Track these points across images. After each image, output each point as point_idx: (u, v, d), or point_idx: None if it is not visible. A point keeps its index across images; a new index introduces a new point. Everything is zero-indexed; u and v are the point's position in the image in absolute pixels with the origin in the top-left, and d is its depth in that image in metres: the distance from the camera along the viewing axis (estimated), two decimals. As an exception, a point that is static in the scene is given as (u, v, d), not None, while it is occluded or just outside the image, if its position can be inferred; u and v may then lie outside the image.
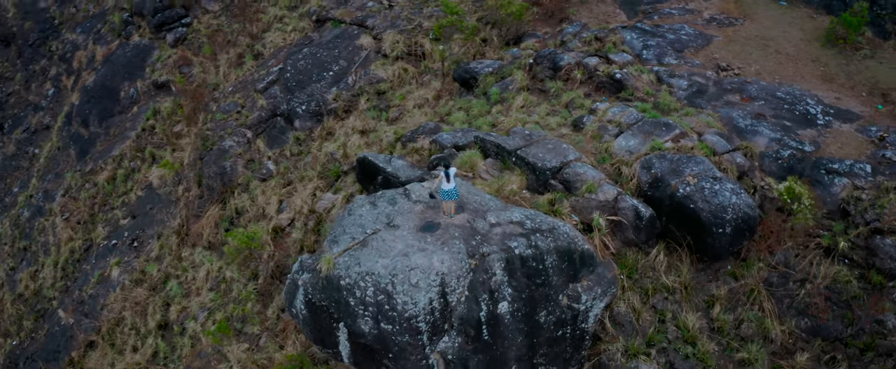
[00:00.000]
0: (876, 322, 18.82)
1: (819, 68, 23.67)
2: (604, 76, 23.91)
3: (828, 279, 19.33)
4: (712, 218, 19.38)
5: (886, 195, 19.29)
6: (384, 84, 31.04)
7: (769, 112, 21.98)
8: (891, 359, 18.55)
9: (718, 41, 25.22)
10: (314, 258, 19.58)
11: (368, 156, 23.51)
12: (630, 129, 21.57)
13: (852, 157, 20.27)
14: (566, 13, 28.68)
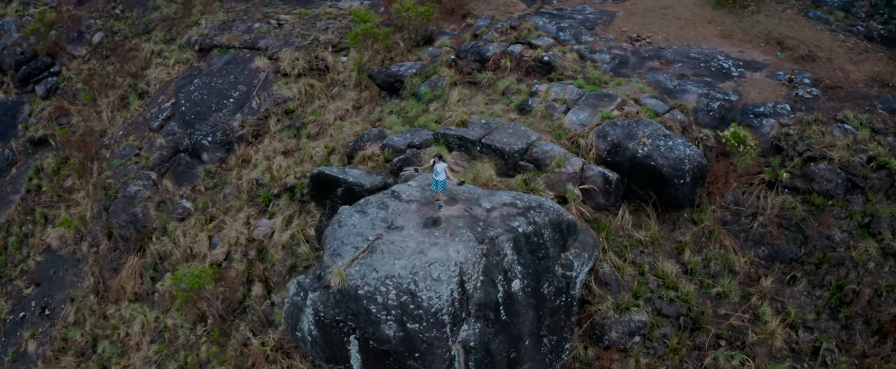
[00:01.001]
0: (825, 238, 21.70)
1: (717, 28, 26.70)
2: (532, 60, 25.55)
3: (776, 208, 22.03)
4: (673, 171, 21.48)
5: (810, 127, 22.29)
6: (291, 102, 30.96)
7: (689, 71, 24.58)
8: (842, 268, 21.47)
9: (620, 16, 27.67)
10: (314, 276, 19.60)
11: (324, 171, 23.61)
12: (576, 105, 23.33)
13: (772, 100, 23.19)
14: (466, 8, 30.10)
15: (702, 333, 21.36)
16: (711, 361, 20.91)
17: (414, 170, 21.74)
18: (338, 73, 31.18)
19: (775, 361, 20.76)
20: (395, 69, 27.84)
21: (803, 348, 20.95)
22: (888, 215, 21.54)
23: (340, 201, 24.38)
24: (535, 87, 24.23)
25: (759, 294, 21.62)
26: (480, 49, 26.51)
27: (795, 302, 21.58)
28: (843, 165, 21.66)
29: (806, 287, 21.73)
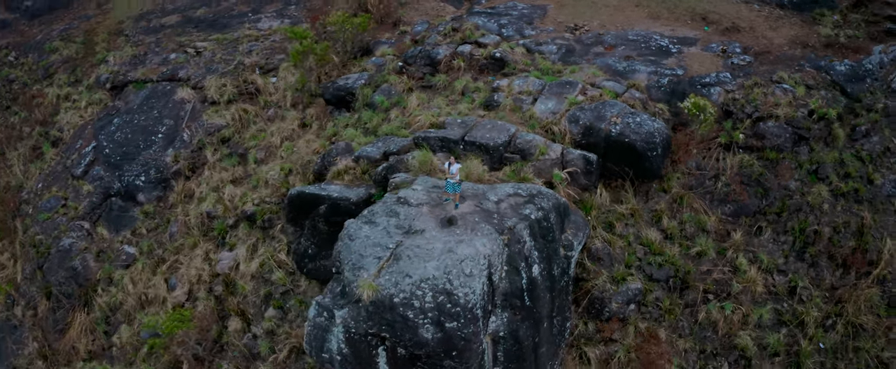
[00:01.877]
0: (782, 188, 24.16)
1: (644, 10, 28.92)
2: (484, 58, 26.67)
3: (735, 168, 24.28)
4: (646, 145, 23.21)
5: (753, 91, 24.74)
6: (226, 130, 30.40)
7: (633, 53, 26.55)
8: (801, 213, 23.99)
9: (552, 8, 29.32)
10: (334, 294, 19.64)
11: (304, 191, 23.60)
12: (542, 95, 24.65)
13: (713, 71, 25.52)
14: (395, 17, 30.76)
15: (691, 291, 23.23)
16: (704, 315, 22.83)
17: (405, 176, 22.25)
18: (270, 94, 30.93)
19: (759, 305, 22.96)
20: (342, 82, 28.10)
21: (780, 290, 23.27)
22: (831, 160, 24.36)
23: (323, 219, 24.48)
24: (496, 83, 25.38)
25: (733, 247, 23.78)
26: (430, 53, 27.32)
27: (765, 249, 23.91)
28: (789, 121, 24.27)
29: (772, 235, 24.12)
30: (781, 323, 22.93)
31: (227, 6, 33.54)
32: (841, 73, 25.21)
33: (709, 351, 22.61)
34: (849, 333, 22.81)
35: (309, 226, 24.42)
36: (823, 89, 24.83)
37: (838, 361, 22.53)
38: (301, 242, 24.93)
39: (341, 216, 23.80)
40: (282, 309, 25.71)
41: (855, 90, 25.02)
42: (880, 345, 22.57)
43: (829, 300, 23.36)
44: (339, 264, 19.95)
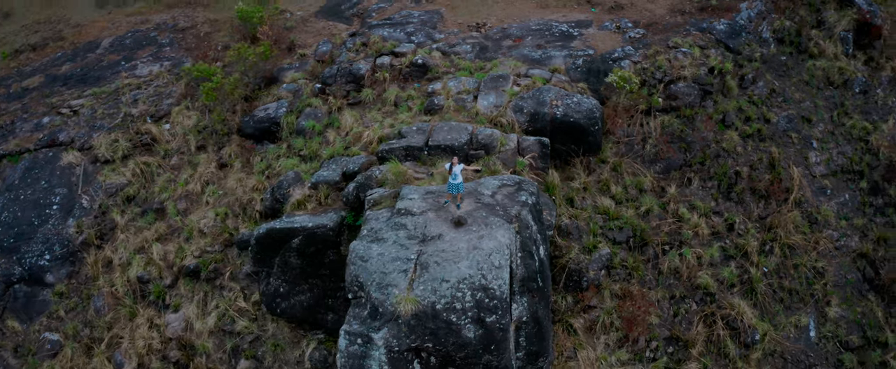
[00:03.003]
0: (701, 140, 27.27)
1: (533, 1, 31.09)
2: (406, 66, 27.47)
3: (658, 129, 27.06)
4: (588, 121, 25.30)
5: (657, 58, 27.68)
6: (130, 188, 28.65)
7: (541, 41, 28.58)
8: (720, 159, 27.27)
9: (446, 12, 30.61)
10: (362, 319, 19.62)
11: (275, 227, 23.11)
12: (480, 92, 25.96)
13: (618, 46, 28.16)
14: (287, 42, 30.58)
15: (649, 246, 25.68)
16: (667, 265, 25.37)
17: (382, 190, 22.59)
18: (167, 142, 29.58)
19: (707, 246, 25.90)
20: (263, 114, 27.61)
21: (721, 229, 26.38)
22: (733, 108, 27.91)
23: (296, 253, 24.14)
24: (431, 87, 26.33)
25: (672, 200, 26.57)
26: (350, 69, 27.63)
27: (697, 196, 26.95)
28: (695, 80, 27.46)
29: (700, 182, 27.22)
30: (729, 257, 26.03)
31: (95, 58, 31.44)
32: (721, 31, 28.94)
33: (677, 295, 25.17)
34: (785, 254, 26.40)
35: (279, 263, 23.97)
36: (712, 48, 28.38)
37: (783, 279, 26.01)
38: (270, 283, 24.39)
39: (317, 245, 23.73)
40: (256, 359, 24.99)
41: (735, 44, 28.82)
42: (813, 258, 26.39)
43: (762, 228, 26.85)
44: (356, 289, 19.99)
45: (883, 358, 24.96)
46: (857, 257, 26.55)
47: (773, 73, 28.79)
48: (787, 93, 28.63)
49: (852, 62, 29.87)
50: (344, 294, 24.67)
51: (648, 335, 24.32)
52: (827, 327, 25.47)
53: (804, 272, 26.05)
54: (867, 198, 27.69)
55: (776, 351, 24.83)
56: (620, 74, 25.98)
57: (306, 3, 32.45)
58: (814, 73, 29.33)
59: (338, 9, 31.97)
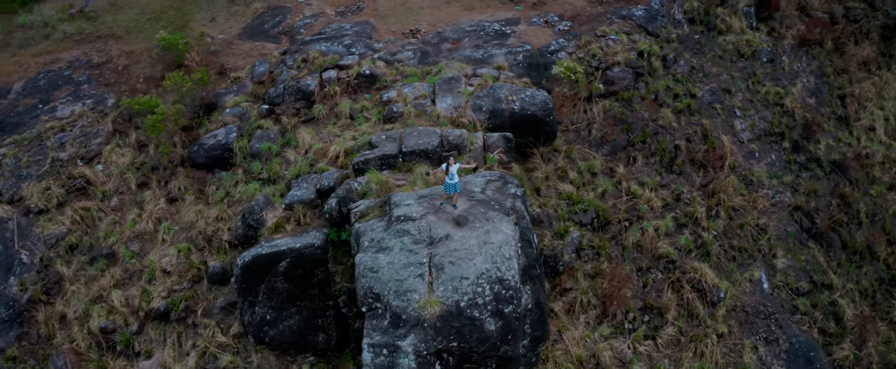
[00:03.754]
0: (640, 120, 29.13)
1: (456, 4, 31.96)
2: (354, 78, 27.64)
3: (601, 114, 28.66)
4: (544, 113, 26.51)
5: (590, 46, 29.30)
6: (71, 236, 27.17)
7: (479, 42, 29.53)
8: (658, 136, 29.20)
9: (375, 22, 30.90)
10: (382, 330, 19.80)
11: (260, 253, 22.72)
12: (436, 95, 26.57)
13: (550, 40, 29.60)
14: (217, 66, 29.93)
15: (612, 224, 27.18)
16: (633, 239, 26.95)
17: (367, 202, 22.77)
18: (103, 183, 28.27)
19: (661, 218, 27.72)
20: (212, 141, 26.93)
21: (670, 200, 28.28)
22: (662, 87, 29.95)
23: (283, 276, 23.84)
24: (386, 96, 26.70)
25: (623, 179, 28.24)
26: (298, 87, 27.47)
27: (644, 173, 28.76)
28: (628, 64, 29.28)
29: (644, 159, 29.05)
30: (682, 225, 27.98)
31: (8, 104, 29.36)
32: (640, 16, 31.02)
33: (643, 267, 26.82)
34: (730, 216, 28.69)
35: (264, 290, 23.62)
36: (635, 33, 30.37)
37: (731, 239, 28.25)
38: (255, 311, 23.96)
39: (305, 266, 23.59)
40: (246, 392, 24.54)
41: (653, 28, 30.97)
42: (755, 217, 28.80)
43: (705, 195, 29.01)
44: (371, 300, 20.19)
45: (831, 299, 27.69)
46: (792, 210, 29.26)
47: (690, 51, 31.19)
48: (705, 69, 31.11)
49: (757, 34, 32.83)
50: (338, 311, 24.84)
51: (625, 308, 25.81)
52: (777, 277, 27.92)
53: (749, 230, 28.43)
54: (791, 156, 30.57)
55: (737, 305, 26.97)
56: (566, 65, 27.41)
57: (226, 26, 31.88)
58: (725, 48, 32.03)
59: (261, 29, 31.63)
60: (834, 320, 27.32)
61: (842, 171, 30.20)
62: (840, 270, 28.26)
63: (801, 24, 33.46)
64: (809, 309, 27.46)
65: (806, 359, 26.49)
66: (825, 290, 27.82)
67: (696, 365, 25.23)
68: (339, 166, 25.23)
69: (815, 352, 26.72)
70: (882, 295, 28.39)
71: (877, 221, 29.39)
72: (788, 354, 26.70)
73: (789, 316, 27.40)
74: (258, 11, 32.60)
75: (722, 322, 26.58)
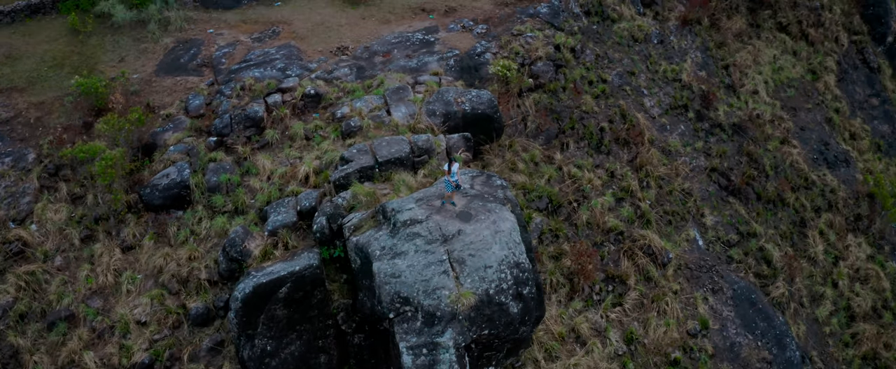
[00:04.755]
0: (567, 108, 31.38)
1: (373, 20, 32.75)
2: (300, 100, 27.76)
3: (533, 107, 30.59)
4: (491, 110, 28.08)
5: (511, 45, 31.20)
6: (19, 304, 25.34)
7: (408, 52, 30.53)
8: (583, 121, 31.57)
9: (296, 44, 30.99)
10: (418, 330, 20.50)
11: (261, 282, 22.45)
12: (389, 105, 27.32)
13: (474, 43, 31.25)
14: (142, 104, 28.87)
15: (563, 208, 29.15)
16: (584, 217, 29.04)
17: (359, 215, 23.20)
18: (40, 243, 26.57)
19: (603, 195, 30.05)
20: (165, 181, 26.01)
21: (606, 178, 30.72)
22: (578, 76, 32.41)
23: (282, 303, 23.68)
24: (340, 112, 27.12)
25: (563, 164, 30.34)
26: (245, 114, 27.18)
27: (578, 156, 31.02)
28: (548, 57, 31.46)
29: (576, 144, 31.30)
30: (620, 199, 30.50)
31: (-85, 174, 26.69)
32: (545, 13, 33.38)
33: (598, 241, 29.02)
34: (659, 185, 31.57)
35: (264, 320, 23.39)
36: (546, 29, 32.65)
37: (665, 205, 31.11)
38: (255, 344, 23.64)
39: (305, 289, 23.63)
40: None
41: (558, 23, 33.44)
42: (679, 183, 31.84)
43: (634, 168, 31.72)
44: (399, 305, 20.86)
45: (759, 245, 31.21)
46: (709, 172, 32.63)
47: (593, 41, 33.93)
48: (609, 55, 33.95)
49: (645, 19, 36.17)
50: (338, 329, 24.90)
51: (591, 281, 27.85)
52: (709, 234, 31.09)
53: (677, 195, 31.43)
54: (697, 124, 34.02)
55: (682, 264, 29.76)
56: (501, 64, 29.16)
57: (138, 65, 30.76)
58: (621, 35, 35.07)
59: (177, 63, 30.84)
60: (765, 263, 30.86)
61: (742, 132, 34.04)
62: (760, 219, 31.93)
63: (681, 5, 37.29)
64: (742, 258, 30.83)
65: (749, 302, 29.73)
66: (752, 239, 31.32)
67: (662, 322, 27.72)
68: (311, 186, 25.45)
69: (755, 294, 30.06)
70: (798, 236, 32.38)
71: (779, 172, 33.41)
72: (733, 300, 29.82)
73: (727, 266, 30.61)
74: (169, 47, 31.80)
75: (674, 280, 29.27)
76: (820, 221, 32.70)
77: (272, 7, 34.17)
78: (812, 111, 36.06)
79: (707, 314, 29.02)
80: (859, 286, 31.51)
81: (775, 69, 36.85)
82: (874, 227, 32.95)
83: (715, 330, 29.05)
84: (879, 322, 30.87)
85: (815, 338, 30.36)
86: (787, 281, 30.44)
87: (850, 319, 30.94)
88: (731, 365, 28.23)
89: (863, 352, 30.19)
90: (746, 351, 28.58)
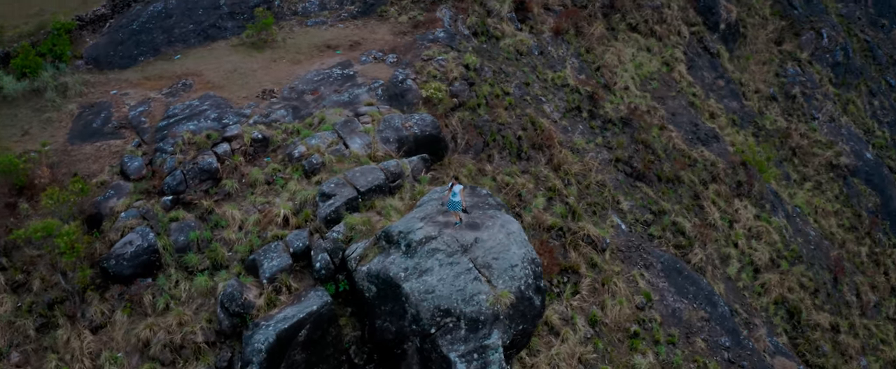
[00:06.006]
0: (487, 122, 33.14)
1: (285, 61, 32.63)
2: (250, 146, 27.22)
3: (461, 123, 32.15)
4: (437, 131, 29.75)
5: (426, 70, 32.51)
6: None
7: (334, 87, 30.95)
8: (502, 132, 33.48)
9: (216, 93, 30.04)
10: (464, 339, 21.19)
11: (282, 328, 22.03)
12: (342, 139, 27.67)
13: (392, 71, 32.28)
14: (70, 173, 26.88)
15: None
16: (529, 219, 30.94)
17: (361, 244, 23.41)
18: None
19: (536, 197, 32.16)
20: (130, 250, 24.34)
21: (533, 182, 32.90)
22: (486, 92, 34.40)
23: (301, 347, 23.44)
24: (296, 152, 26.99)
25: (494, 174, 32.09)
26: (200, 168, 26.16)
27: (504, 165, 32.97)
28: (462, 77, 33.16)
29: (499, 155, 33.31)
30: (551, 198, 32.79)
31: None
32: (443, 38, 35.21)
33: (545, 238, 31.06)
34: (578, 181, 34.21)
35: (286, 365, 22.88)
36: (454, 51, 34.33)
37: (587, 198, 33.80)
38: (272, 393, 23.05)
39: (323, 327, 23.57)
40: None
41: (455, 45, 35.29)
42: (593, 176, 34.66)
43: (553, 169, 34.12)
44: (439, 318, 21.88)
45: (672, 220, 34.77)
46: (614, 162, 35.83)
47: (486, 59, 36.12)
48: (504, 70, 36.31)
49: (524, 34, 38.93)
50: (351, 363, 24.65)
51: (549, 276, 29.81)
52: (628, 217, 34.18)
53: (594, 188, 34.28)
54: (592, 122, 37.19)
55: (614, 247, 32.55)
56: (434, 86, 30.52)
57: (46, 135, 28.35)
58: (508, 51, 37.60)
59: (91, 129, 28.84)
60: (681, 235, 34.46)
61: (629, 124, 37.67)
62: (665, 197, 35.57)
63: (550, 18, 40.51)
64: (661, 233, 34.23)
65: (676, 271, 33.11)
66: (664, 216, 34.85)
67: (616, 301, 30.24)
68: (293, 227, 25.23)
69: (679, 264, 33.52)
70: (697, 208, 36.39)
71: (669, 154, 37.36)
72: (663, 272, 33.05)
73: (650, 243, 33.84)
74: (75, 113, 29.70)
75: (613, 263, 31.98)
76: (710, 192, 37.07)
77: (172, 61, 33.03)
78: (676, 98, 40.72)
79: (647, 288, 31.97)
80: (755, 242, 36.09)
81: (637, 65, 41.20)
82: (754, 190, 37.85)
83: (657, 301, 32.06)
84: (779, 270, 35.56)
85: (733, 293, 34.38)
86: (701, 247, 34.24)
87: (755, 272, 35.37)
88: (678, 329, 31.32)
89: (773, 299, 34.66)
90: (687, 314, 31.84)
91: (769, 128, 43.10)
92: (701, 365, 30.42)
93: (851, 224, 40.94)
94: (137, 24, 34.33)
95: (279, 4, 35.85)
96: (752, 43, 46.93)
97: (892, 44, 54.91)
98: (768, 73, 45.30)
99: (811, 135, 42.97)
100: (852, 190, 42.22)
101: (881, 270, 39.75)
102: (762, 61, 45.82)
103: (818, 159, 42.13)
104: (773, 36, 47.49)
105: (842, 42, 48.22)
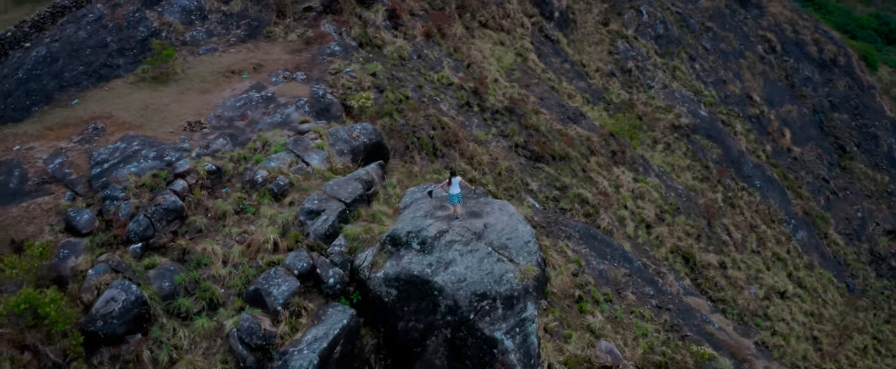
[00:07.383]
0: (402, 125, 33.43)
1: (195, 92, 30.72)
2: (205, 179, 25.55)
3: (385, 130, 32.23)
4: (380, 138, 30.17)
5: (339, 82, 32.30)
6: None
7: (261, 109, 30.10)
8: (417, 133, 34.06)
9: (137, 133, 27.60)
10: (503, 317, 21.90)
11: (323, 346, 21.60)
12: (301, 158, 27.22)
13: (310, 88, 31.65)
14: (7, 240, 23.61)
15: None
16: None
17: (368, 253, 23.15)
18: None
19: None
20: (118, 306, 21.99)
21: (455, 176, 33.86)
22: (392, 97, 34.63)
23: (336, 364, 23.05)
24: (257, 177, 25.89)
25: (420, 173, 32.69)
26: (164, 208, 24.15)
27: (426, 164, 33.66)
28: (373, 85, 33.28)
29: (419, 155, 34.11)
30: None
31: None
32: (339, 51, 35.60)
33: (482, 229, 32.25)
34: (490, 170, 35.62)
35: None
36: (357, 63, 34.31)
37: (501, 185, 35.38)
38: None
39: (353, 339, 23.40)
40: None
41: (349, 56, 35.36)
42: (501, 164, 36.26)
43: (469, 163, 35.31)
44: (477, 301, 22.69)
45: (575, 192, 37.51)
46: (514, 148, 37.70)
47: (382, 67, 36.50)
48: (396, 75, 36.89)
49: (401, 40, 39.56)
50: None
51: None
52: (539, 197, 36.37)
53: (505, 174, 36.03)
54: (484, 115, 38.75)
55: (537, 225, 34.49)
56: (363, 97, 30.59)
57: (-43, 202, 24.73)
58: (392, 57, 38.17)
59: (9, 189, 25.21)
60: (586, 205, 37.11)
61: (513, 112, 39.73)
62: (562, 172, 38.07)
63: (419, 23, 41.46)
64: (570, 206, 36.71)
65: (592, 237, 35.73)
66: (568, 189, 37.35)
67: (557, 273, 32.20)
68: (285, 250, 24.32)
69: (592, 230, 36.17)
70: (588, 179, 39.29)
71: (553, 135, 39.93)
72: (582, 239, 35.54)
73: (564, 216, 36.16)
74: (-22, 176, 26.09)
75: (542, 238, 33.90)
76: (592, 163, 40.20)
77: (71, 107, 29.82)
78: (538, 85, 43.49)
79: (575, 255, 34.27)
80: (640, 202, 39.75)
81: (497, 58, 43.48)
82: (627, 157, 41.53)
83: (585, 266, 34.46)
84: (665, 223, 39.49)
85: (637, 249, 37.69)
86: (605, 212, 37.19)
87: (648, 228, 39.00)
88: (609, 287, 33.94)
89: (669, 248, 38.46)
90: (611, 273, 34.57)
91: (616, 102, 47.51)
92: (639, 315, 33.26)
93: (703, 175, 46.33)
94: (23, 71, 30.70)
95: (167, 36, 33.66)
96: (582, 27, 51.33)
97: (701, 12, 62.47)
98: (603, 53, 49.84)
99: (652, 103, 47.96)
100: (696, 145, 47.76)
101: (738, 211, 45.42)
102: (595, 42, 50.30)
103: (662, 123, 47.16)
104: (600, 18, 52.30)
105: (660, 16, 54.18)
